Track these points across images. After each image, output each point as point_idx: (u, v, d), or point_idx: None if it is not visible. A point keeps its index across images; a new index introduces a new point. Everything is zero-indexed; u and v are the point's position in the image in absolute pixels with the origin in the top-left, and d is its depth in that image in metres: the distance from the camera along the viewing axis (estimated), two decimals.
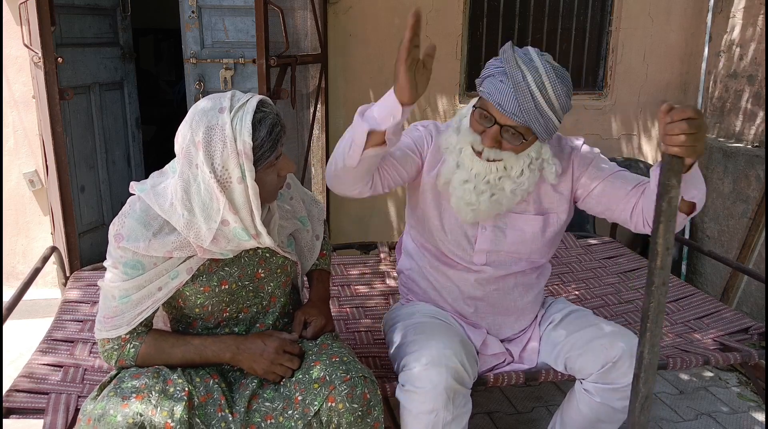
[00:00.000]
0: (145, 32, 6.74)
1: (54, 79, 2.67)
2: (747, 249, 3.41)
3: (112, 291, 1.44)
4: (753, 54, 3.60)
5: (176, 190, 1.38)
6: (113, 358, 1.49)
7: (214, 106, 1.36)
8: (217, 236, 1.39)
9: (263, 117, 1.36)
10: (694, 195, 1.49)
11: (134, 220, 1.41)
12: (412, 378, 1.59)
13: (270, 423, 1.45)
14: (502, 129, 1.55)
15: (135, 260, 1.40)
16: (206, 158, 1.33)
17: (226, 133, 1.32)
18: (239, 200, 1.36)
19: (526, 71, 1.50)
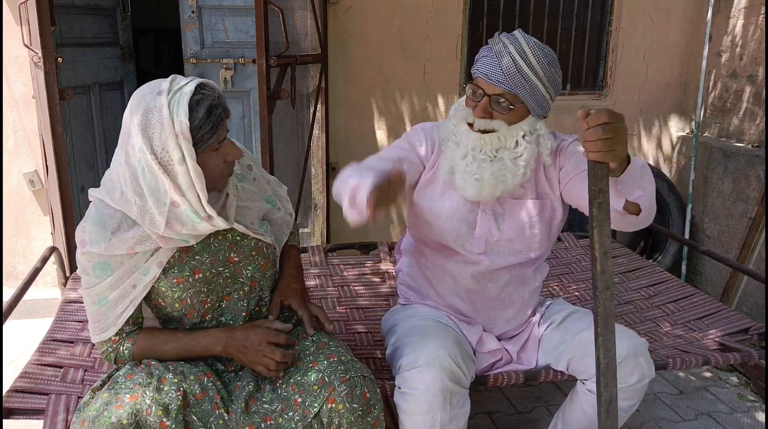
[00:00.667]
0: (145, 32, 6.74)
1: (54, 79, 2.66)
2: (747, 249, 3.41)
3: (90, 297, 1.46)
4: (753, 54, 3.60)
5: (124, 176, 1.37)
6: (112, 359, 1.52)
7: (153, 90, 1.36)
8: (170, 220, 1.38)
9: (201, 98, 1.35)
10: (637, 196, 1.46)
11: (92, 223, 1.42)
12: (407, 380, 1.59)
13: (270, 424, 1.44)
14: (491, 99, 1.61)
15: (101, 262, 1.42)
16: (145, 141, 1.32)
17: (163, 115, 1.32)
18: (183, 182, 1.35)
19: (507, 42, 1.59)
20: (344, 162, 3.84)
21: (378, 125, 3.85)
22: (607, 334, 1.32)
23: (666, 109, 4.15)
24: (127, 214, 1.41)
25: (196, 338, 1.50)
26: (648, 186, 1.48)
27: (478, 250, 1.76)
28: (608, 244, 1.28)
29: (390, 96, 3.82)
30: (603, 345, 1.33)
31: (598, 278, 1.30)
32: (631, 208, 1.51)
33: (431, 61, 3.79)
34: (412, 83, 3.81)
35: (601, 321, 1.32)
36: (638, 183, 1.44)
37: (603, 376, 1.35)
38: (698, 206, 3.82)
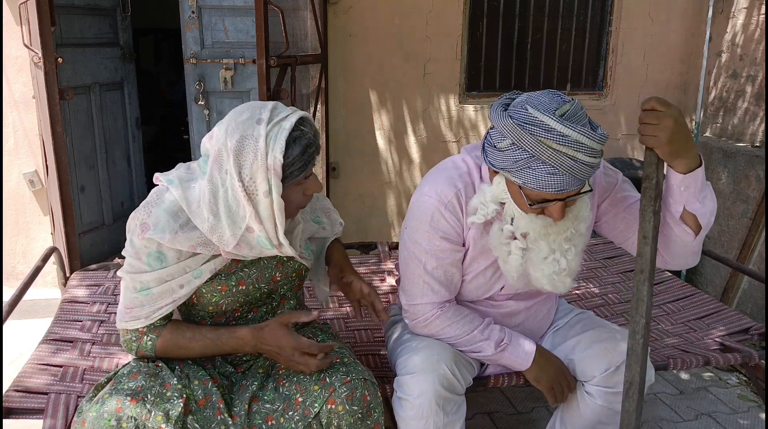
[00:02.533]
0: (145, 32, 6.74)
1: (54, 79, 2.66)
2: (747, 249, 3.40)
3: (132, 282, 1.42)
4: (753, 54, 3.60)
5: (204, 192, 1.37)
6: (133, 349, 1.48)
7: (253, 116, 1.34)
8: (240, 242, 1.38)
9: (299, 136, 1.35)
10: (696, 208, 1.44)
11: (162, 211, 1.38)
12: (402, 385, 1.59)
13: (271, 425, 1.44)
14: (567, 200, 1.43)
15: (158, 252, 1.38)
16: (236, 165, 1.32)
17: (259, 146, 1.31)
18: (264, 213, 1.35)
19: (570, 152, 1.32)
20: (344, 162, 3.85)
21: (378, 125, 3.85)
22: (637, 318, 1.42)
23: None
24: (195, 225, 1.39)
25: (223, 338, 1.48)
26: (708, 204, 1.46)
27: (503, 299, 1.73)
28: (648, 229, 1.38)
29: (390, 96, 3.82)
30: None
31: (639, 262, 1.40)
32: (688, 220, 1.48)
33: (431, 61, 3.79)
34: (412, 83, 3.81)
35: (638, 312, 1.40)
36: (700, 194, 1.43)
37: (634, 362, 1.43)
38: None
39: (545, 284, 1.54)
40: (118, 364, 1.92)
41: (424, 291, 1.62)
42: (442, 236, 1.57)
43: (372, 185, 3.93)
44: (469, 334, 1.64)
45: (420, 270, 1.61)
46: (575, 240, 1.51)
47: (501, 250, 1.54)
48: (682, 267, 1.64)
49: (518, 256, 1.52)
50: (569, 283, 1.54)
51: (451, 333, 1.64)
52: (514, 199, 1.48)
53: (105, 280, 2.50)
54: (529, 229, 1.48)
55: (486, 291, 1.69)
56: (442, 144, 3.91)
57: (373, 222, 3.99)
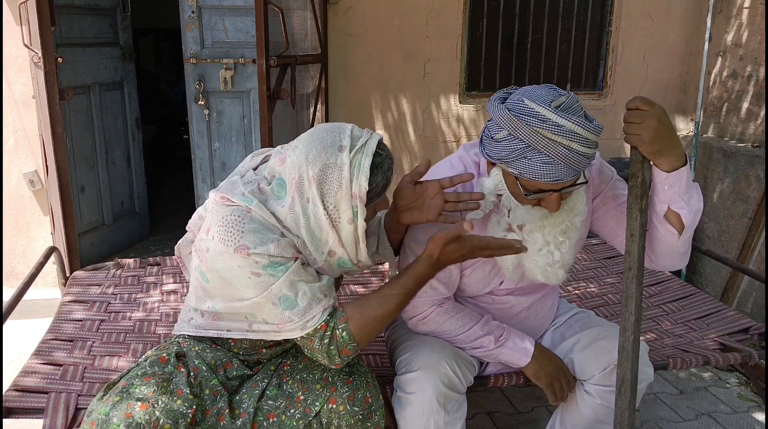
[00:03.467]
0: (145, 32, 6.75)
1: (54, 79, 2.66)
2: (747, 249, 3.40)
3: (268, 300, 1.34)
4: (753, 54, 3.60)
5: (286, 217, 1.37)
6: (333, 354, 1.38)
7: (334, 143, 1.34)
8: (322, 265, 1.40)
9: (381, 162, 1.36)
10: (680, 207, 1.45)
11: (255, 227, 1.34)
12: (402, 383, 1.59)
13: (272, 421, 1.45)
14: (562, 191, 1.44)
15: (271, 262, 1.33)
16: (319, 194, 1.32)
17: (343, 175, 1.31)
18: (347, 238, 1.36)
19: (565, 141, 1.34)
20: None
21: (378, 125, 3.85)
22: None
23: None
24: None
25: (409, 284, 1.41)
26: (694, 204, 1.46)
27: (503, 294, 1.73)
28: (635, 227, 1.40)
29: (390, 96, 3.82)
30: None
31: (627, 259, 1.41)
32: (672, 219, 1.49)
33: (431, 61, 3.79)
34: (412, 83, 3.81)
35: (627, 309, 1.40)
36: (685, 194, 1.44)
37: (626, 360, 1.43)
38: None
39: (538, 275, 1.56)
40: (118, 364, 1.92)
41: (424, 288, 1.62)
42: None
43: None
44: (469, 329, 1.65)
45: None
46: (570, 233, 1.53)
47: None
48: (668, 268, 1.64)
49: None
50: (562, 275, 1.57)
51: (449, 328, 1.65)
52: (510, 191, 1.49)
53: (105, 280, 2.51)
54: (525, 220, 1.50)
55: (485, 285, 1.69)
56: (443, 144, 3.91)
57: None
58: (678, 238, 1.52)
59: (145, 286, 2.48)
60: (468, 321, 1.66)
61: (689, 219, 1.47)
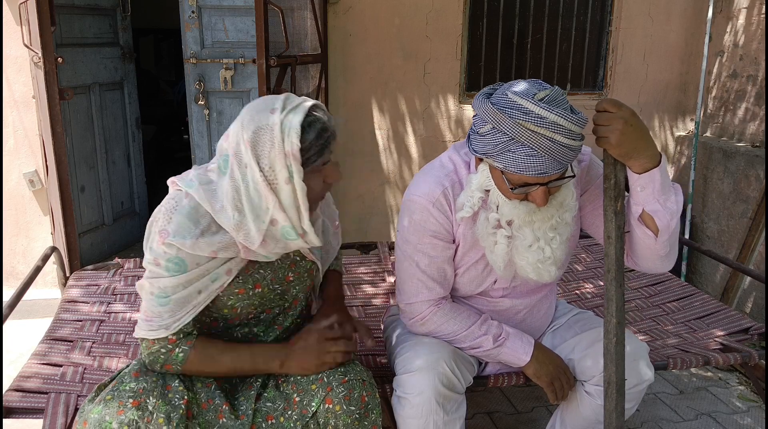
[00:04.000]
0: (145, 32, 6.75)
1: (54, 79, 2.66)
2: (747, 249, 3.40)
3: (151, 288, 1.40)
4: (753, 54, 3.60)
5: (227, 190, 1.37)
6: (159, 362, 1.43)
7: (266, 107, 1.36)
8: (266, 237, 1.38)
9: (313, 121, 1.36)
10: (654, 209, 1.45)
11: (183, 217, 1.37)
12: (401, 383, 1.59)
13: (271, 423, 1.45)
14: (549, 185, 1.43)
15: (178, 258, 1.37)
16: (254, 157, 1.32)
17: (274, 134, 1.32)
18: (287, 200, 1.35)
19: (548, 133, 1.34)
20: (344, 162, 3.85)
21: (378, 125, 3.85)
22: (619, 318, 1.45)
23: (666, 109, 4.14)
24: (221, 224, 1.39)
25: (255, 351, 1.49)
26: (670, 206, 1.45)
27: (497, 295, 1.73)
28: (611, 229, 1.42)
29: (390, 96, 3.82)
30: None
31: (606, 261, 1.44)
32: (648, 221, 1.48)
33: (431, 61, 3.79)
34: (412, 83, 3.81)
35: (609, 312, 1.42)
36: (659, 196, 1.43)
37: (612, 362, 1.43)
38: (698, 206, 3.82)
39: (530, 273, 1.55)
40: (118, 364, 1.92)
41: (419, 289, 1.64)
42: (432, 235, 1.60)
43: (372, 185, 3.93)
44: (467, 329, 1.65)
45: (413, 269, 1.63)
46: (560, 229, 1.52)
47: (488, 240, 1.55)
48: (652, 270, 1.64)
49: (504, 245, 1.53)
50: (554, 272, 1.56)
51: (448, 329, 1.65)
52: (497, 185, 1.49)
53: (105, 280, 2.51)
54: (513, 215, 1.49)
55: (479, 284, 1.69)
56: (442, 144, 3.91)
57: (373, 222, 3.99)
58: (655, 240, 1.51)
59: None
60: (466, 321, 1.66)
61: (665, 221, 1.46)
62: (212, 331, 1.54)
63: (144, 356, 1.46)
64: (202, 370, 1.45)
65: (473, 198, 1.53)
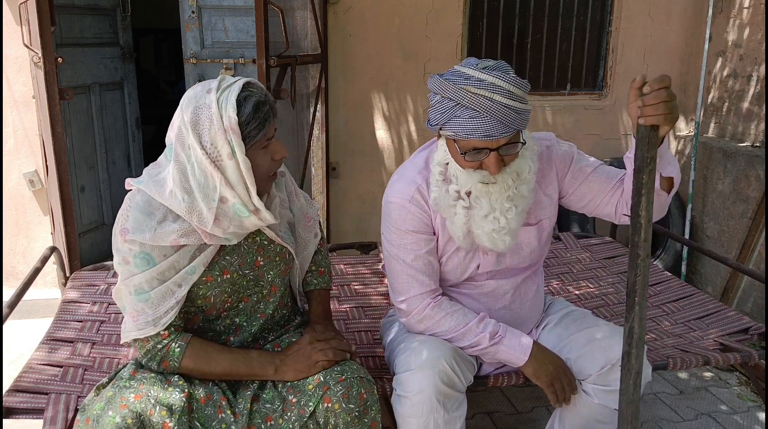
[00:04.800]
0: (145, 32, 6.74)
1: (54, 79, 2.66)
2: (747, 249, 3.41)
3: (127, 288, 1.42)
4: (753, 54, 3.60)
5: (174, 174, 1.39)
6: (155, 359, 1.44)
7: (203, 88, 1.39)
8: (218, 216, 1.39)
9: (248, 95, 1.38)
10: (670, 170, 1.53)
11: (138, 212, 1.40)
12: (401, 382, 1.59)
13: (270, 425, 1.45)
14: (499, 151, 1.50)
15: (144, 252, 1.39)
16: (195, 137, 1.35)
17: (212, 111, 1.35)
18: (233, 176, 1.37)
19: (487, 93, 1.44)
20: (344, 162, 3.85)
21: (378, 125, 3.85)
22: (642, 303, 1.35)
23: None
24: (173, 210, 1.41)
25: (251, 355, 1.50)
26: (675, 163, 1.55)
27: (482, 279, 1.76)
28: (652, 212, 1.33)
29: (390, 96, 3.82)
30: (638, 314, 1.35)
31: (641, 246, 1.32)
32: (664, 184, 1.56)
33: (431, 61, 3.79)
34: (412, 83, 3.81)
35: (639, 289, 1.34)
36: (671, 158, 1.54)
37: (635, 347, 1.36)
38: (698, 206, 3.82)
39: (485, 241, 1.60)
40: (118, 364, 1.92)
41: (410, 284, 1.67)
42: (412, 231, 1.66)
43: (372, 185, 3.93)
44: (465, 326, 1.66)
45: (401, 265, 1.67)
46: (516, 200, 1.57)
47: (448, 212, 1.61)
48: None
49: (462, 216, 1.59)
50: (509, 241, 1.60)
51: (446, 326, 1.66)
52: (452, 155, 1.56)
53: (105, 280, 2.50)
54: (469, 185, 1.55)
55: (463, 271, 1.72)
56: None
57: (373, 222, 3.99)
58: (667, 197, 1.60)
59: None
60: (464, 318, 1.67)
61: (678, 179, 1.56)
62: (195, 327, 1.55)
63: (140, 356, 1.47)
64: (200, 369, 1.46)
65: (435, 172, 1.61)
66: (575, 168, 1.71)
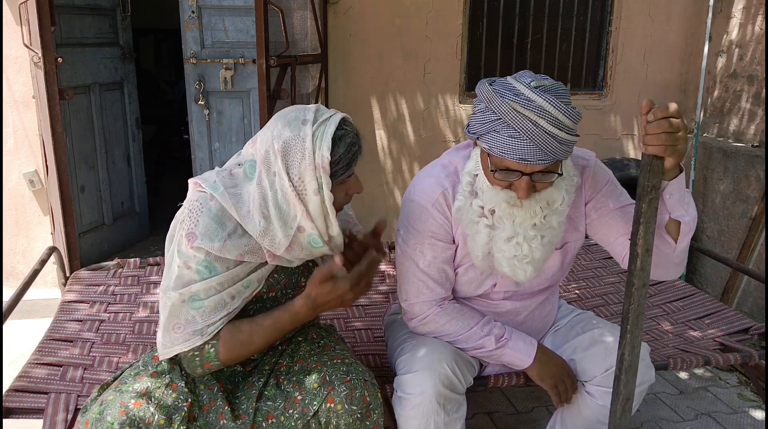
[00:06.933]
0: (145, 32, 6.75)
1: (54, 79, 2.67)
2: (747, 249, 3.40)
3: (181, 296, 1.38)
4: (753, 54, 3.60)
5: (254, 196, 1.37)
6: (197, 365, 1.42)
7: (298, 117, 1.36)
8: (292, 243, 1.38)
9: (344, 134, 1.37)
10: (681, 214, 1.44)
11: (209, 219, 1.36)
12: (402, 383, 1.59)
13: (271, 423, 1.45)
14: (532, 175, 1.42)
15: (207, 261, 1.36)
16: (284, 166, 1.33)
17: (306, 146, 1.33)
18: (315, 210, 1.36)
19: (533, 116, 1.35)
20: None
21: (378, 125, 3.85)
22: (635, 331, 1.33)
23: None
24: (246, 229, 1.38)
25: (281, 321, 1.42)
26: (690, 210, 1.45)
27: (499, 298, 1.72)
28: (652, 242, 1.29)
29: (390, 96, 3.82)
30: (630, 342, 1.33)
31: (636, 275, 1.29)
32: (671, 228, 1.48)
33: (431, 61, 3.79)
34: (412, 83, 3.81)
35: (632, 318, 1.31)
36: (683, 200, 1.43)
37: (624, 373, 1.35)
38: (698, 206, 3.82)
39: (504, 266, 1.54)
40: (118, 364, 1.92)
41: (420, 289, 1.64)
42: (431, 235, 1.61)
43: (372, 185, 3.93)
44: (470, 330, 1.64)
45: (414, 269, 1.63)
46: (543, 230, 1.50)
47: (471, 228, 1.55)
48: (662, 278, 1.62)
49: (484, 235, 1.53)
50: (530, 272, 1.54)
51: (451, 329, 1.65)
52: (483, 168, 1.50)
53: (105, 280, 2.51)
54: (493, 202, 1.49)
55: (478, 286, 1.69)
56: (442, 144, 3.91)
57: (374, 222, 3.97)
58: (674, 248, 1.51)
59: (145, 286, 2.48)
60: (469, 322, 1.66)
61: (689, 227, 1.46)
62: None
63: (184, 364, 1.44)
64: (238, 357, 1.43)
65: (463, 182, 1.55)
66: (601, 199, 1.63)
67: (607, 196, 1.63)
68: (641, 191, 1.26)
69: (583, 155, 1.66)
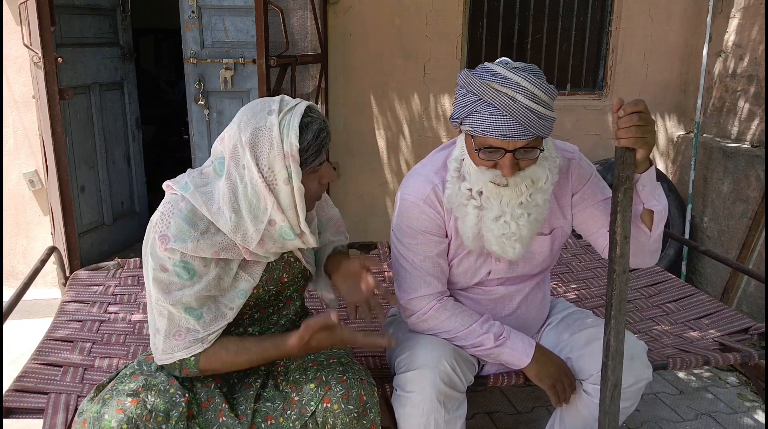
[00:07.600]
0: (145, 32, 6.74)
1: (54, 79, 2.67)
2: (747, 249, 3.40)
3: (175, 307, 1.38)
4: (753, 54, 3.60)
5: (223, 192, 1.36)
6: (177, 368, 1.44)
7: (263, 109, 1.36)
8: (263, 237, 1.38)
9: (310, 121, 1.36)
10: (653, 205, 1.53)
11: (181, 220, 1.36)
12: (402, 382, 1.60)
13: (270, 423, 1.45)
14: (515, 153, 1.48)
15: (183, 262, 1.36)
16: (252, 158, 1.32)
17: (273, 135, 1.32)
18: (285, 201, 1.35)
19: (510, 92, 1.42)
20: (344, 162, 3.85)
21: (378, 125, 3.85)
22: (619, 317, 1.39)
23: (666, 109, 4.14)
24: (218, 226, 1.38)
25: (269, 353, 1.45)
26: (662, 200, 1.54)
27: (492, 285, 1.75)
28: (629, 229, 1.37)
29: (390, 96, 3.82)
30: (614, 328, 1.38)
31: (617, 262, 1.36)
32: (645, 217, 1.56)
33: (431, 61, 3.79)
34: (412, 83, 3.81)
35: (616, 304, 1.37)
36: (655, 191, 1.52)
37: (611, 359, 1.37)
38: (698, 206, 3.82)
39: (494, 245, 1.58)
40: (118, 364, 1.92)
41: (417, 285, 1.66)
42: (425, 231, 1.64)
43: (372, 185, 3.93)
44: (468, 327, 1.65)
45: (409, 265, 1.67)
46: (530, 208, 1.55)
47: (460, 211, 1.59)
48: (639, 265, 1.70)
49: (473, 216, 1.57)
50: (519, 249, 1.58)
51: (450, 327, 1.66)
52: (468, 151, 1.55)
53: (105, 280, 2.51)
54: (480, 183, 1.53)
55: (473, 275, 1.71)
56: (442, 144, 3.91)
57: (373, 222, 3.99)
58: (649, 236, 1.59)
59: (145, 286, 2.47)
60: (468, 319, 1.67)
61: (661, 216, 1.55)
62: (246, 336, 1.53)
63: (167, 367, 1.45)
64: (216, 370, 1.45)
65: (450, 169, 1.60)
66: (586, 191, 1.69)
67: (593, 188, 1.70)
68: (617, 182, 1.36)
69: (568, 148, 1.72)
